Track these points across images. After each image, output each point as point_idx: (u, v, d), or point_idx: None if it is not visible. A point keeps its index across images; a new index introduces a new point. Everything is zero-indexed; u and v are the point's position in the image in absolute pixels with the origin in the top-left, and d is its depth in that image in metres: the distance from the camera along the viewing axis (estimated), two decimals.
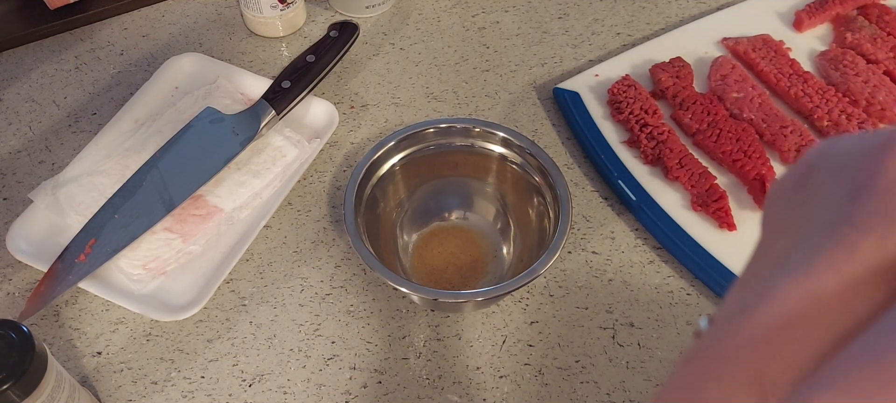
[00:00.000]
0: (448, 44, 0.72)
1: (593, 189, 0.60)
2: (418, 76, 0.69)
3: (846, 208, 0.16)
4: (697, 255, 0.54)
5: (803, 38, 0.70)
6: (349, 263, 0.56)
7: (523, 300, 0.54)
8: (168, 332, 0.52)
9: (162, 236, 0.55)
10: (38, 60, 0.71)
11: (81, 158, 0.60)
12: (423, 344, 0.52)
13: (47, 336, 0.52)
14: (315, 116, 0.64)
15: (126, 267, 0.54)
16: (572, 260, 0.56)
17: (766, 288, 0.17)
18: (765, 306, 0.16)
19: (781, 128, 0.61)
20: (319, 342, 0.52)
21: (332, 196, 0.60)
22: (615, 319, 0.53)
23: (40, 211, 0.56)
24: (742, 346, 0.16)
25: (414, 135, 0.56)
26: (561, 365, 0.51)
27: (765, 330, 0.16)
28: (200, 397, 0.49)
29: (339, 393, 0.49)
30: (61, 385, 0.42)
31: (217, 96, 0.64)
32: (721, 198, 0.56)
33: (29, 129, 0.65)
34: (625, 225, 0.58)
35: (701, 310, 0.53)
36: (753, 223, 0.56)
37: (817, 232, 0.17)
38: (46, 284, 0.52)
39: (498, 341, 0.52)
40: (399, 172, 0.57)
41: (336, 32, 0.65)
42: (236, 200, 0.58)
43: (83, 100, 0.68)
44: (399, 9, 0.76)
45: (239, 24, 0.74)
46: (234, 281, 0.55)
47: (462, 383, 0.50)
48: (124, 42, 0.73)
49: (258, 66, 0.70)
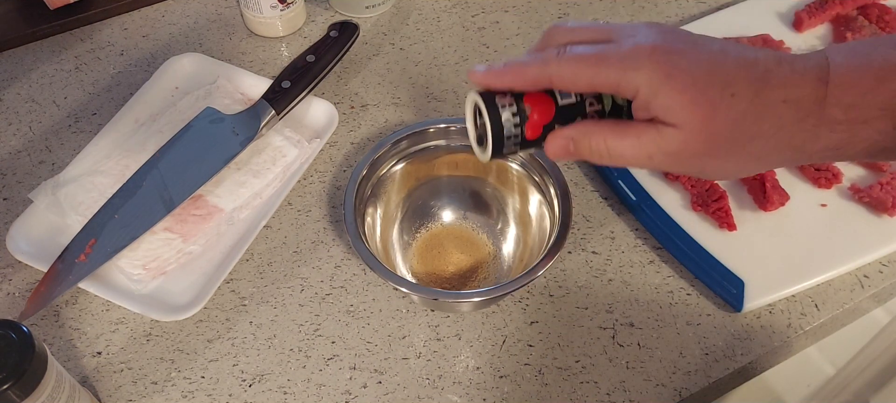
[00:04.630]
0: (448, 44, 0.72)
1: (593, 189, 0.60)
2: (418, 76, 0.69)
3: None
4: (697, 255, 0.54)
5: (803, 37, 0.70)
6: (349, 263, 0.56)
7: (523, 300, 0.54)
8: (168, 332, 0.52)
9: (162, 236, 0.55)
10: (38, 60, 0.71)
11: (81, 158, 0.60)
12: (423, 344, 0.52)
13: (47, 337, 0.52)
14: (315, 116, 0.64)
15: (126, 267, 0.54)
16: (572, 260, 0.56)
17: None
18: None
19: None
20: (319, 342, 0.52)
21: (332, 196, 0.60)
22: (615, 319, 0.53)
23: (40, 211, 0.56)
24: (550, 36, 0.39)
25: (414, 135, 0.56)
26: (561, 365, 0.51)
27: (560, 33, 0.39)
28: (200, 397, 0.49)
29: (339, 393, 0.50)
30: (61, 385, 0.42)
31: (217, 96, 0.64)
32: (721, 197, 0.56)
33: (29, 129, 0.65)
34: (625, 225, 0.58)
35: (701, 310, 0.53)
36: (753, 223, 0.56)
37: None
38: (46, 284, 0.52)
39: (498, 341, 0.52)
40: (399, 172, 0.57)
41: (336, 32, 0.65)
42: (236, 200, 0.58)
43: (83, 100, 0.68)
44: (399, 9, 0.76)
45: (239, 24, 0.74)
46: (234, 281, 0.55)
47: (462, 383, 0.50)
48: (124, 42, 0.73)
49: (258, 66, 0.70)
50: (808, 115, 0.34)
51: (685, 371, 0.50)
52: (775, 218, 0.57)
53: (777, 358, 0.53)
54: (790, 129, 0.34)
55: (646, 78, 0.34)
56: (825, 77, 0.34)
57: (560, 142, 0.39)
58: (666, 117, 0.35)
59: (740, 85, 0.34)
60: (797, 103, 0.34)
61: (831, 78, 0.33)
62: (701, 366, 0.50)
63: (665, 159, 0.36)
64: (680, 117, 0.35)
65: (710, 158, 0.36)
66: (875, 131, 0.34)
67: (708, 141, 0.35)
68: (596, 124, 0.38)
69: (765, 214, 0.57)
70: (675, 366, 0.50)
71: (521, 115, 0.39)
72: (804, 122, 0.34)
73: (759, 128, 0.34)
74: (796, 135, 0.34)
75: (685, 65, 0.34)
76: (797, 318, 0.53)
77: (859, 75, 0.33)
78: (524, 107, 0.39)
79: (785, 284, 0.53)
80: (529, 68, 0.38)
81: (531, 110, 0.39)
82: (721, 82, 0.34)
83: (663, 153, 0.36)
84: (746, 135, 0.35)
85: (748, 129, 0.34)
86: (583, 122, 0.38)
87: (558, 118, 0.39)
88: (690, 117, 0.34)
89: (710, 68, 0.34)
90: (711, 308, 0.53)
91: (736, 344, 0.51)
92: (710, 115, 0.34)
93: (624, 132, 0.37)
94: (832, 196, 0.58)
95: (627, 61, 0.35)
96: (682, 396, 0.49)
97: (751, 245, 0.55)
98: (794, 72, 0.34)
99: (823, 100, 0.34)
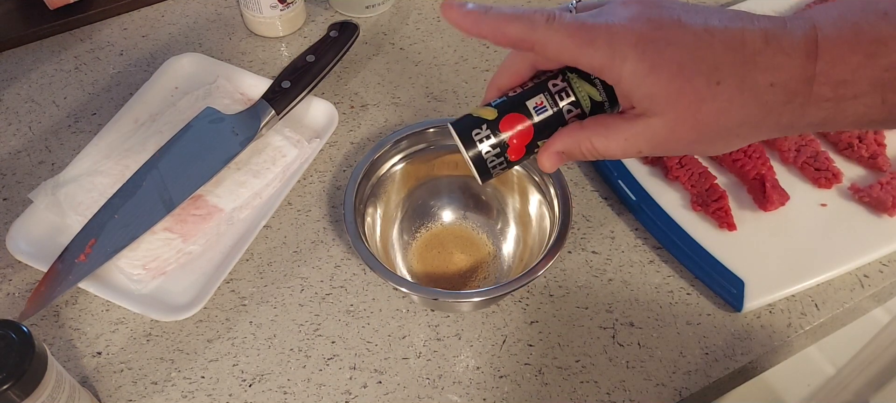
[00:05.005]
0: (448, 44, 0.72)
1: (593, 189, 0.60)
2: (418, 76, 0.69)
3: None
4: (697, 255, 0.54)
5: None
6: (349, 263, 0.56)
7: (523, 300, 0.54)
8: (168, 332, 0.52)
9: (162, 236, 0.55)
10: (38, 60, 0.71)
11: (81, 158, 0.60)
12: (423, 344, 0.52)
13: (47, 337, 0.52)
14: (315, 116, 0.64)
15: (126, 267, 0.54)
16: (572, 260, 0.56)
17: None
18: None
19: None
20: (319, 342, 0.52)
21: (332, 196, 0.60)
22: (615, 319, 0.53)
23: (40, 211, 0.56)
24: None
25: (414, 135, 0.56)
26: (561, 365, 0.51)
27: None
28: (200, 397, 0.49)
29: (339, 393, 0.50)
30: (61, 385, 0.42)
31: (217, 96, 0.64)
32: (721, 197, 0.56)
33: (29, 129, 0.65)
34: (625, 224, 0.58)
35: (701, 310, 0.53)
36: (753, 223, 0.56)
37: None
38: (46, 284, 0.52)
39: (498, 341, 0.52)
40: (399, 172, 0.57)
41: (336, 32, 0.66)
42: (236, 200, 0.58)
43: (83, 100, 0.68)
44: (399, 9, 0.76)
45: (239, 24, 0.74)
46: (234, 281, 0.55)
47: (462, 383, 0.50)
48: (124, 42, 0.73)
49: (258, 66, 0.70)
50: (795, 96, 0.33)
51: (685, 370, 0.50)
52: (775, 218, 0.57)
53: (777, 358, 0.53)
54: (778, 111, 0.34)
55: (630, 70, 0.34)
56: (813, 52, 0.32)
57: (552, 159, 0.39)
58: (651, 107, 0.35)
59: (726, 71, 0.33)
60: (785, 86, 0.33)
61: (820, 53, 0.32)
62: (701, 366, 0.50)
63: (654, 148, 0.36)
64: (665, 108, 0.34)
65: (698, 143, 0.36)
66: (863, 105, 0.33)
67: (694, 128, 0.35)
68: (581, 130, 0.38)
69: (765, 214, 0.57)
70: (676, 366, 0.50)
71: (502, 145, 0.39)
72: (791, 103, 0.33)
73: (746, 114, 0.34)
74: (784, 115, 0.34)
75: (670, 53, 0.34)
76: (797, 318, 0.53)
77: (849, 49, 0.32)
78: (501, 134, 0.39)
79: (785, 284, 0.53)
80: (512, 26, 0.36)
81: (509, 136, 0.39)
82: (707, 69, 0.33)
83: (652, 144, 0.36)
84: (733, 120, 0.34)
85: (735, 116, 0.34)
86: (568, 131, 0.38)
87: (538, 135, 0.39)
88: (676, 108, 0.34)
89: (695, 53, 0.34)
90: (711, 307, 0.53)
91: (736, 344, 0.51)
92: (695, 106, 0.34)
93: (609, 132, 0.37)
94: (832, 196, 0.58)
95: (613, 48, 0.34)
96: (683, 396, 0.49)
97: (751, 245, 0.55)
98: (781, 51, 0.33)
99: (812, 79, 0.33)
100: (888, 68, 0.31)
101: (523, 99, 0.39)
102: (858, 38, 0.32)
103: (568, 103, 0.38)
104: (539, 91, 0.39)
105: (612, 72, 0.35)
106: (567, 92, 0.38)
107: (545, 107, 0.38)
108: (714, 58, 0.33)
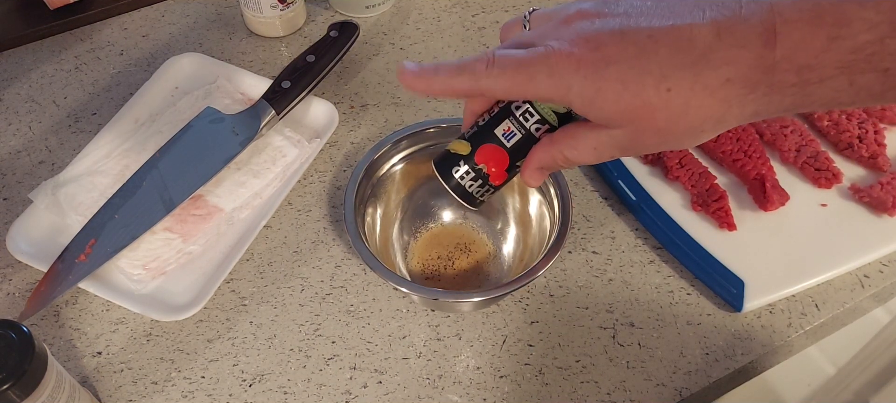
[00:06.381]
0: (448, 44, 0.72)
1: (593, 188, 0.60)
2: None
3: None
4: (697, 255, 0.54)
5: None
6: (349, 263, 0.56)
7: (523, 300, 0.54)
8: (168, 332, 0.52)
9: (162, 236, 0.55)
10: (38, 60, 0.71)
11: (81, 158, 0.60)
12: (423, 344, 0.52)
13: (47, 337, 0.52)
14: (315, 116, 0.64)
15: (126, 267, 0.54)
16: (572, 260, 0.56)
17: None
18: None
19: (781, 127, 0.61)
20: (319, 342, 0.52)
21: (332, 196, 0.60)
22: (615, 319, 0.53)
23: (40, 211, 0.56)
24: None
25: (414, 135, 0.56)
26: (561, 365, 0.51)
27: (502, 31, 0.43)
28: (201, 397, 0.49)
29: (339, 393, 0.50)
30: (61, 385, 0.42)
31: (217, 96, 0.64)
32: (721, 197, 0.56)
33: (29, 129, 0.65)
34: (625, 224, 0.58)
35: (701, 310, 0.53)
36: (753, 223, 0.56)
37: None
38: (46, 284, 0.52)
39: (498, 341, 0.52)
40: (399, 172, 0.57)
41: (336, 32, 0.65)
42: (236, 200, 0.58)
43: (83, 100, 0.68)
44: (399, 9, 0.76)
45: (239, 24, 0.74)
46: (234, 281, 0.55)
47: (462, 383, 0.50)
48: (124, 42, 0.73)
49: (258, 66, 0.70)
50: (756, 85, 0.32)
51: (685, 370, 0.50)
52: (775, 218, 0.57)
53: (777, 358, 0.53)
54: (740, 103, 0.33)
55: (577, 95, 0.34)
56: (772, 39, 0.31)
57: (534, 175, 0.40)
58: (609, 124, 0.35)
59: (676, 76, 0.32)
60: (743, 78, 0.32)
61: (780, 40, 0.31)
62: (701, 366, 0.50)
63: (624, 152, 0.37)
64: (621, 122, 0.34)
65: (665, 144, 0.35)
66: (830, 89, 0.31)
67: (656, 133, 0.34)
68: (552, 145, 0.38)
69: (765, 214, 0.57)
70: (676, 366, 0.50)
71: (482, 176, 0.40)
72: (754, 92, 0.32)
73: (706, 112, 0.33)
74: (747, 106, 0.33)
75: (611, 72, 0.33)
76: (797, 318, 0.53)
77: (811, 32, 0.30)
78: (478, 166, 0.40)
79: (785, 284, 0.53)
80: (457, 80, 0.37)
81: (487, 166, 0.40)
82: (654, 80, 0.32)
83: (621, 150, 0.36)
84: (693, 120, 0.33)
85: (693, 116, 0.33)
86: (541, 147, 0.39)
87: (514, 157, 0.40)
88: (632, 120, 0.34)
89: (639, 65, 0.33)
90: (712, 307, 0.53)
91: (736, 344, 0.51)
92: (650, 115, 0.33)
93: (578, 143, 0.37)
94: (832, 196, 0.58)
95: (555, 79, 0.34)
96: (683, 396, 0.49)
97: (751, 245, 0.55)
98: (735, 44, 0.31)
99: (773, 68, 0.31)
100: (853, 50, 0.30)
101: (491, 127, 0.40)
102: (820, 19, 0.30)
103: (534, 122, 0.39)
104: (504, 116, 0.39)
105: (561, 100, 0.35)
106: (530, 112, 0.39)
107: (513, 131, 0.39)
108: (660, 66, 0.32)
